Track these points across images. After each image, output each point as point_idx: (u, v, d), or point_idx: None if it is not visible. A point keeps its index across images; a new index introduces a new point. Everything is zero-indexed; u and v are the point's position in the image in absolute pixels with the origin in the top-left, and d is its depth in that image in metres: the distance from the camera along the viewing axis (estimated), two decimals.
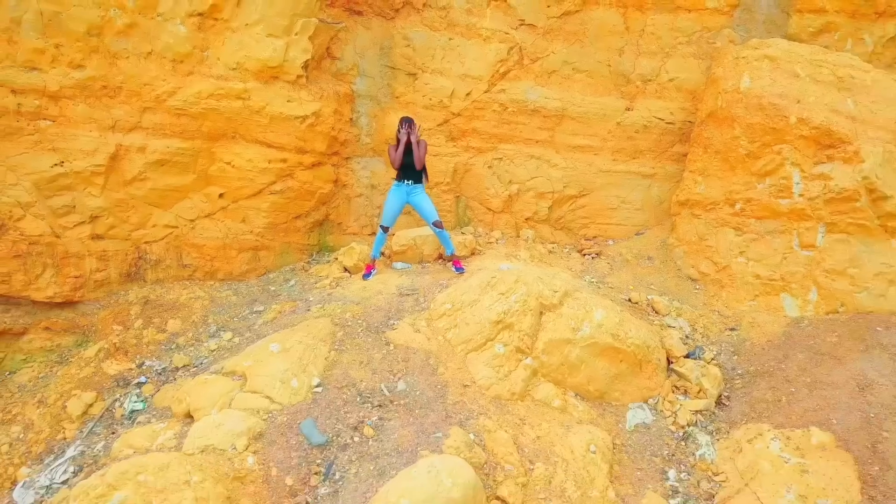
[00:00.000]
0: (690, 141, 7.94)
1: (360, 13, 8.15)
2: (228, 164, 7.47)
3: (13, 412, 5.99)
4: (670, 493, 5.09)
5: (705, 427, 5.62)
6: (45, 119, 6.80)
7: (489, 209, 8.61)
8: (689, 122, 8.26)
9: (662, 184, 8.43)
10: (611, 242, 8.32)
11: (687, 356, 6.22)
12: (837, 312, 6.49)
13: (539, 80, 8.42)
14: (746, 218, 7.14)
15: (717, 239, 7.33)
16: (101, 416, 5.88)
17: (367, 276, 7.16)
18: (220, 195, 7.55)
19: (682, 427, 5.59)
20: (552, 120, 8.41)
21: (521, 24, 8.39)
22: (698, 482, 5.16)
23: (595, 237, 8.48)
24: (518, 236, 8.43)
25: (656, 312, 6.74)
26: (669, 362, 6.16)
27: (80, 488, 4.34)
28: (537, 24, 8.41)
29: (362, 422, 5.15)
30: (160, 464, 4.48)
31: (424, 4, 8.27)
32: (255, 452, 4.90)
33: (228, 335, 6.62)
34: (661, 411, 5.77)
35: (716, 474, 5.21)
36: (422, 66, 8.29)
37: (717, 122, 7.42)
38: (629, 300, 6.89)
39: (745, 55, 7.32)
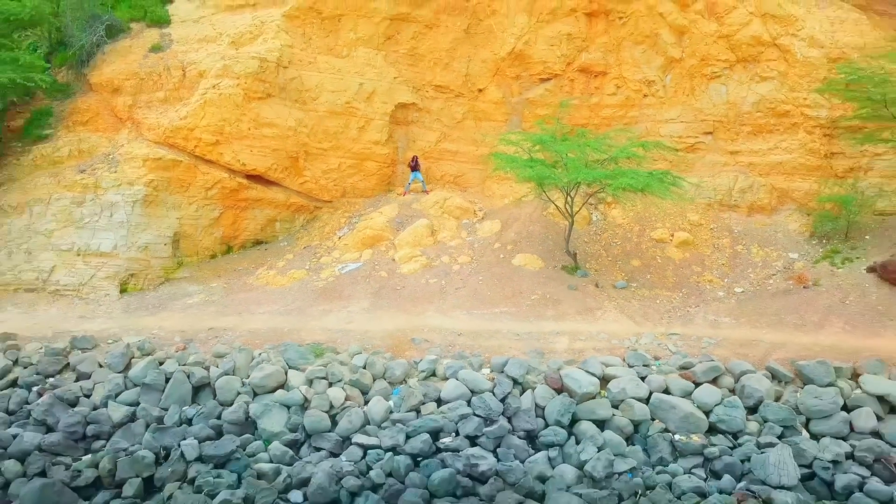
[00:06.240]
0: None
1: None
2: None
3: (321, 228, 26.70)
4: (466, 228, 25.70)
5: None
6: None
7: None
8: None
9: None
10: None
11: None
12: None
13: None
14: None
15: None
16: (341, 231, 26.47)
17: (404, 195, 27.80)
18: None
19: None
20: None
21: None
22: (474, 225, 25.77)
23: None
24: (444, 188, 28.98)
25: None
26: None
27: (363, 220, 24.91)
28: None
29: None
30: (373, 219, 25.15)
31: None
32: (388, 224, 25.48)
33: (370, 210, 27.22)
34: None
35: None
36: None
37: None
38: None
39: (494, 141, 27.75)
